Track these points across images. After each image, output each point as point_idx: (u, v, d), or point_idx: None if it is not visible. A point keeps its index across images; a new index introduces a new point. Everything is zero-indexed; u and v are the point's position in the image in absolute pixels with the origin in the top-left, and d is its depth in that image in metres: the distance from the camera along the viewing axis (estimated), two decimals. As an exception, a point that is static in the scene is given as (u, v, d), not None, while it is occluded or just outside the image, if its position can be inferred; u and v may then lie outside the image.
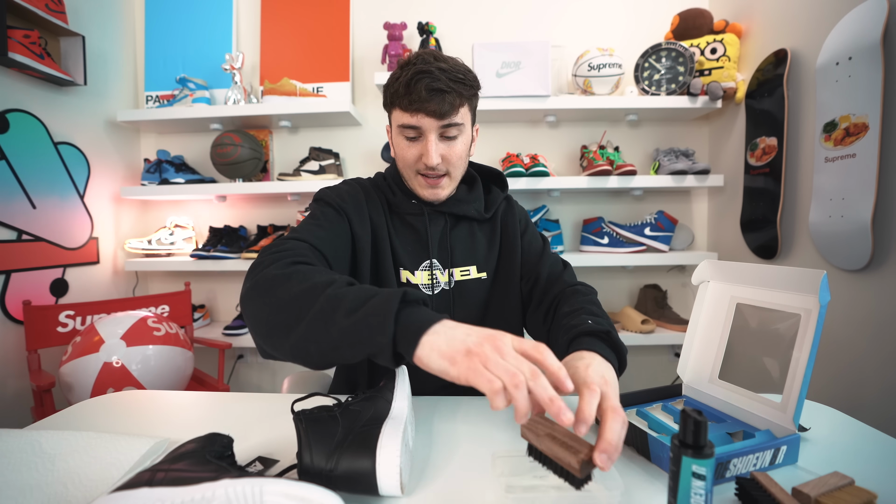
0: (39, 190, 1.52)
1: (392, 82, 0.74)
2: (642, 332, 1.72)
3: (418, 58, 0.73)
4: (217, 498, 0.35)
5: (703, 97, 1.66)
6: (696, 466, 0.37)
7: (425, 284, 0.83)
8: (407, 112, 0.72)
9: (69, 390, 1.25)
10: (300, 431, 0.47)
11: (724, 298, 0.66)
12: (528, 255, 0.87)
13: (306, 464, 0.45)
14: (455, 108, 0.73)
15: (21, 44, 1.39)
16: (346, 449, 0.45)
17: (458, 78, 0.72)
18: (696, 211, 1.92)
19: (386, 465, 0.44)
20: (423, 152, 0.75)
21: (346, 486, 0.45)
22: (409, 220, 0.84)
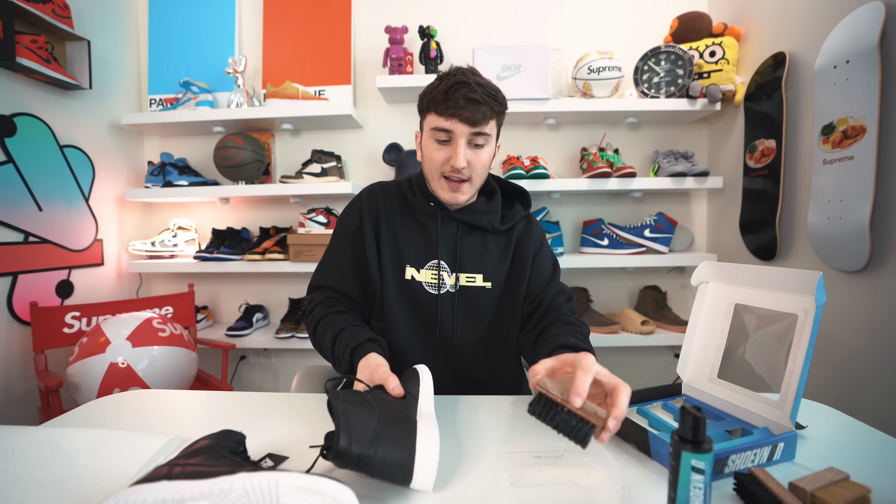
0: (46, 192, 1.54)
1: (430, 90, 0.81)
2: (642, 333, 1.73)
3: (458, 71, 0.80)
4: (234, 490, 0.37)
5: (702, 100, 1.68)
6: (696, 461, 0.39)
7: (429, 283, 0.87)
8: (442, 116, 0.79)
9: (76, 390, 1.27)
10: (339, 414, 0.49)
11: (723, 299, 0.67)
12: (535, 278, 0.90)
13: (343, 447, 0.47)
14: (486, 118, 0.79)
15: (28, 48, 1.41)
16: (385, 438, 0.48)
17: (492, 94, 0.79)
18: (695, 213, 1.93)
19: (425, 461, 0.47)
20: (452, 155, 0.80)
21: (380, 472, 0.48)
22: (422, 220, 0.89)
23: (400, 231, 0.89)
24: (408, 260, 0.87)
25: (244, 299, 2.04)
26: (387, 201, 0.92)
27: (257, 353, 2.07)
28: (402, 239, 0.88)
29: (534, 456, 0.46)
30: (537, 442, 0.57)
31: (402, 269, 0.87)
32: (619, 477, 0.43)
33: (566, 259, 1.76)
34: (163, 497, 0.37)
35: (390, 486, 0.51)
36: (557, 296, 0.88)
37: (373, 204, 0.92)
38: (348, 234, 0.91)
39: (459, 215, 0.88)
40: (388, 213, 0.90)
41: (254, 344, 1.82)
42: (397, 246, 0.88)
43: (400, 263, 0.87)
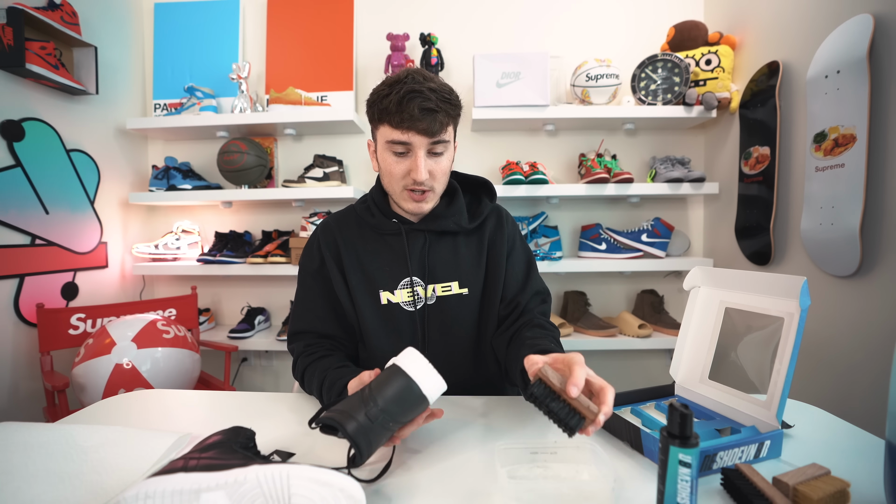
0: (52, 196, 1.56)
1: (379, 99, 0.75)
2: (639, 337, 1.75)
3: (409, 76, 0.75)
4: (248, 482, 0.39)
5: (698, 107, 1.71)
6: (683, 455, 0.41)
7: (406, 302, 0.85)
8: (398, 129, 0.74)
9: (82, 391, 1.29)
10: (332, 421, 0.50)
11: (714, 303, 0.70)
12: (509, 280, 0.87)
13: (353, 428, 0.49)
14: (444, 126, 0.76)
15: (37, 55, 1.44)
16: (374, 389, 0.51)
17: (446, 98, 0.75)
18: (692, 218, 1.96)
19: (417, 371, 0.51)
20: (412, 168, 0.77)
21: (397, 411, 0.50)
22: (388, 240, 0.87)
23: (365, 258, 0.86)
24: (380, 284, 0.85)
25: (246, 302, 2.06)
26: (344, 232, 0.89)
27: (259, 355, 2.09)
28: (369, 265, 0.85)
29: (530, 452, 0.48)
30: (533, 439, 0.59)
31: (376, 295, 0.85)
32: (611, 472, 0.45)
33: (564, 263, 1.79)
34: (181, 488, 0.39)
35: (396, 482, 0.53)
36: (533, 298, 0.87)
37: (329, 239, 0.89)
38: (312, 274, 0.89)
39: (424, 225, 0.85)
40: (349, 243, 0.87)
41: (255, 346, 1.84)
42: (366, 273, 0.85)
43: (373, 290, 0.85)
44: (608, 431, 0.64)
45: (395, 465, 0.57)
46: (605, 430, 0.65)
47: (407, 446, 0.62)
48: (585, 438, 0.51)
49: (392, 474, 0.55)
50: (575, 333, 1.83)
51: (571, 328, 1.83)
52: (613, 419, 0.63)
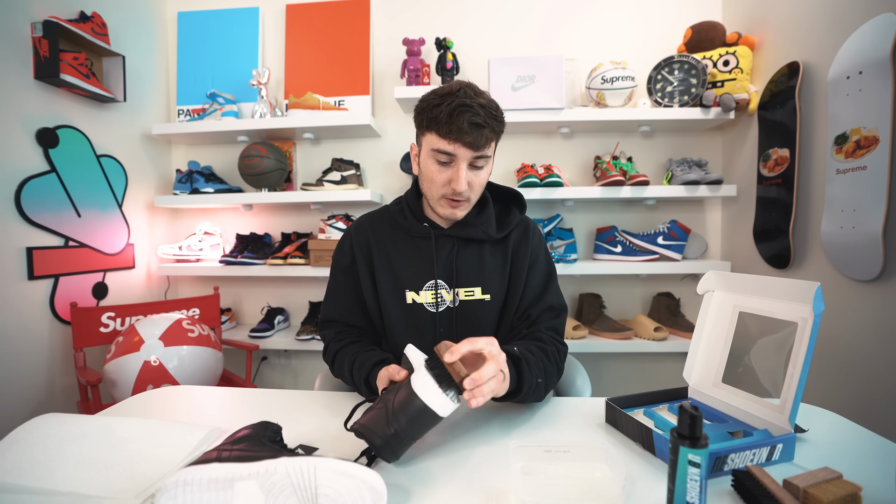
0: (84, 199, 1.63)
1: (431, 108, 0.79)
2: (655, 340, 1.74)
3: (460, 90, 0.79)
4: (278, 472, 0.42)
5: (715, 109, 1.70)
6: (692, 455, 0.42)
7: (429, 303, 0.88)
8: (445, 139, 0.78)
9: (113, 386, 1.35)
10: (358, 429, 0.56)
11: (728, 307, 0.70)
12: (527, 291, 0.90)
13: (381, 444, 0.55)
14: (489, 141, 0.80)
15: (70, 65, 1.51)
16: (397, 410, 0.56)
17: (493, 114, 0.79)
18: (709, 220, 1.94)
19: (430, 394, 0.56)
20: (453, 178, 0.80)
21: (416, 430, 0.56)
22: (418, 243, 0.90)
23: (394, 258, 0.90)
24: (406, 284, 0.88)
25: (266, 302, 2.12)
26: (376, 232, 0.93)
27: (278, 353, 2.14)
28: (397, 265, 0.89)
29: (544, 450, 0.50)
30: (547, 438, 0.61)
31: (402, 294, 0.89)
32: (623, 471, 0.47)
33: (579, 266, 1.79)
34: (216, 476, 0.42)
35: (416, 476, 0.56)
36: (545, 312, 0.88)
37: (362, 238, 0.93)
38: (343, 269, 0.94)
39: (453, 231, 0.89)
40: (380, 243, 0.92)
41: (275, 345, 1.89)
42: (394, 273, 0.90)
43: (399, 289, 0.89)
44: (621, 432, 0.66)
45: (413, 458, 0.60)
46: (619, 431, 0.66)
47: (426, 441, 0.65)
48: (599, 439, 0.52)
49: (410, 467, 0.58)
50: (590, 336, 1.84)
51: (586, 330, 1.83)
52: (626, 420, 0.64)
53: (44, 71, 1.46)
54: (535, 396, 0.75)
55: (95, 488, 0.51)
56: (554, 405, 0.79)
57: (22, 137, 1.44)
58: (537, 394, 0.75)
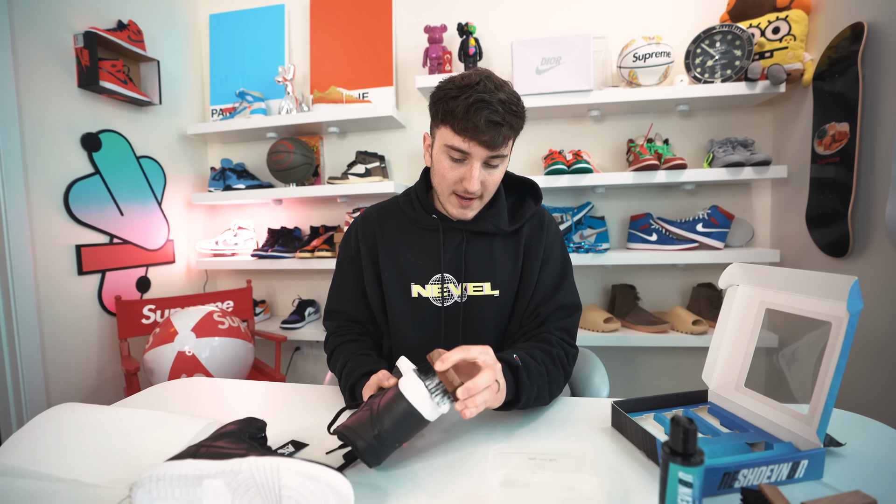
0: (126, 199, 1.74)
1: (447, 100, 0.73)
2: (694, 334, 1.63)
3: (480, 83, 0.72)
4: (243, 471, 0.41)
5: (762, 82, 1.54)
6: (683, 474, 0.38)
7: (435, 297, 0.85)
8: (459, 136, 0.73)
9: (151, 374, 1.43)
10: (345, 437, 0.54)
11: (753, 303, 0.63)
12: (538, 289, 0.85)
13: (364, 447, 0.53)
14: (506, 140, 0.74)
15: (109, 73, 1.60)
16: (382, 411, 0.55)
17: (513, 110, 0.73)
18: (757, 205, 1.78)
19: (417, 396, 0.55)
20: (466, 177, 0.76)
21: (401, 432, 0.55)
22: (425, 235, 0.87)
23: (400, 250, 0.87)
24: (411, 277, 0.85)
25: (297, 294, 2.18)
26: (383, 223, 0.91)
27: (310, 344, 2.20)
28: (403, 257, 0.87)
29: (528, 458, 0.47)
30: (532, 444, 0.58)
31: (407, 286, 0.86)
32: (606, 485, 0.43)
33: (612, 255, 1.70)
34: (186, 473, 0.42)
35: (395, 478, 0.54)
36: (556, 311, 0.83)
37: (368, 229, 0.91)
38: (348, 260, 0.92)
39: (462, 224, 0.85)
40: (386, 234, 0.89)
41: (306, 336, 1.94)
42: (399, 265, 0.87)
43: (404, 282, 0.86)
44: (626, 438, 0.61)
45: (395, 460, 0.59)
46: (624, 438, 0.61)
47: (411, 444, 0.63)
48: (591, 446, 0.48)
49: (391, 469, 0.56)
50: (622, 329, 1.75)
51: (619, 323, 1.75)
52: (631, 426, 0.59)
53: (86, 79, 1.56)
54: (537, 403, 0.71)
55: (94, 477, 0.54)
56: (561, 406, 0.75)
57: (68, 143, 1.55)
58: (539, 401, 0.71)
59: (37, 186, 1.46)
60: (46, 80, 1.49)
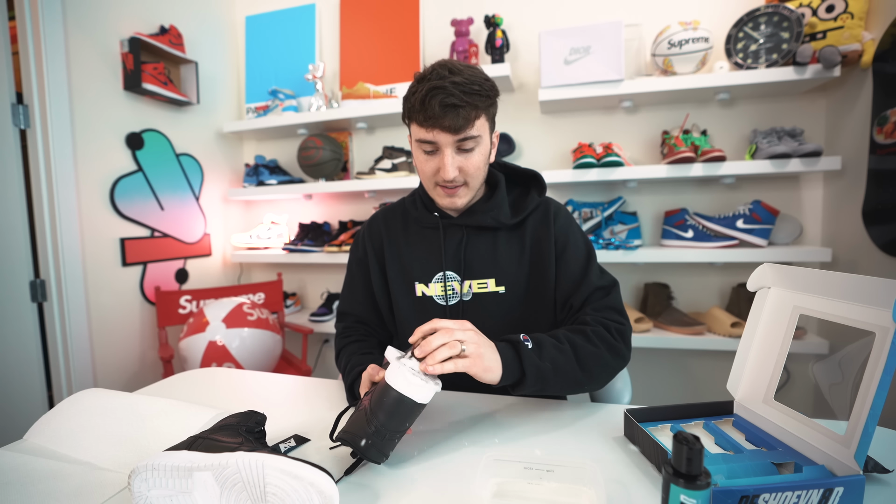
0: (166, 194, 1.83)
1: (409, 96, 0.75)
2: (732, 337, 1.53)
3: (433, 72, 0.73)
4: (230, 466, 0.42)
5: (813, 66, 1.41)
6: (686, 497, 0.35)
7: (439, 296, 0.84)
8: (423, 127, 0.74)
9: (185, 362, 1.50)
10: (346, 441, 0.55)
11: (786, 308, 0.58)
12: (562, 282, 0.81)
13: (366, 445, 0.54)
14: (470, 121, 0.73)
15: (151, 75, 1.68)
16: (374, 406, 0.55)
17: (473, 90, 0.71)
18: (806, 200, 1.65)
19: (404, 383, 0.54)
20: (440, 166, 0.76)
21: (397, 422, 0.55)
22: (427, 234, 0.87)
23: (405, 250, 0.88)
24: (415, 276, 0.86)
25: (326, 288, 2.23)
26: (389, 225, 0.92)
27: (337, 337, 2.24)
28: (407, 257, 0.87)
29: (524, 467, 0.44)
30: (531, 451, 0.55)
31: (411, 286, 0.86)
32: (607, 499, 0.40)
33: (644, 252, 1.62)
34: (178, 464, 0.43)
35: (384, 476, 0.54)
36: (594, 294, 0.79)
37: (374, 231, 0.92)
38: (357, 262, 0.94)
39: (462, 220, 0.84)
40: (392, 236, 0.90)
41: (333, 329, 1.97)
42: (403, 265, 0.87)
43: (409, 281, 0.86)
44: (639, 450, 0.57)
45: (393, 461, 0.58)
46: (636, 449, 0.58)
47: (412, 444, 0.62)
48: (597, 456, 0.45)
49: (387, 470, 0.55)
50: (655, 329, 1.67)
51: (651, 323, 1.67)
52: (642, 437, 0.56)
53: (130, 82, 1.65)
54: (568, 384, 0.67)
55: (106, 461, 0.56)
56: (572, 410, 0.71)
57: (114, 142, 1.64)
58: (569, 381, 0.67)
59: (86, 183, 1.55)
60: (95, 84, 1.58)
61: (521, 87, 1.90)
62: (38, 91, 1.44)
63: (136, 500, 0.44)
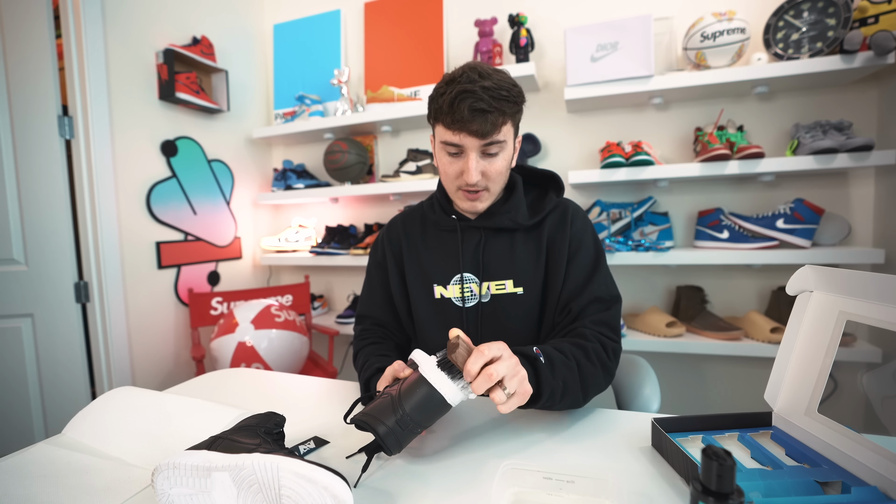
0: (198, 199, 1.89)
1: (436, 97, 0.76)
2: (772, 343, 1.45)
3: (463, 75, 0.73)
4: (245, 467, 0.42)
5: (863, 53, 1.32)
6: (716, 515, 0.32)
7: (457, 298, 0.84)
8: (449, 130, 0.74)
9: (216, 362, 1.55)
10: (360, 419, 0.54)
11: (831, 314, 0.53)
12: (568, 283, 0.80)
13: (385, 431, 0.53)
14: (497, 127, 0.73)
15: (184, 84, 1.75)
16: (403, 395, 0.54)
17: (502, 96, 0.72)
18: (855, 197, 1.54)
19: (438, 380, 0.54)
20: (464, 169, 0.76)
21: (423, 416, 0.54)
22: (445, 236, 0.87)
23: (423, 253, 0.88)
24: (434, 279, 0.86)
25: (352, 290, 2.25)
26: (408, 228, 0.92)
27: (363, 338, 2.26)
28: (425, 260, 0.88)
29: (543, 476, 0.42)
30: (551, 460, 0.53)
31: (430, 288, 0.86)
32: None
33: (676, 254, 1.56)
34: (197, 463, 0.44)
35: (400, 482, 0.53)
36: (591, 305, 0.78)
37: (394, 235, 0.93)
38: (376, 265, 0.95)
39: (480, 222, 0.84)
40: (411, 239, 0.91)
41: (356, 331, 1.99)
42: (422, 267, 0.88)
43: (427, 284, 0.87)
44: (667, 462, 0.54)
45: (407, 465, 0.57)
46: (664, 461, 0.55)
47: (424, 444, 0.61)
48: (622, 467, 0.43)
49: (400, 475, 0.55)
50: (688, 334, 1.60)
51: (683, 328, 1.60)
52: (671, 448, 0.53)
53: (164, 91, 1.72)
54: (567, 402, 0.67)
55: (135, 458, 0.58)
56: (596, 417, 0.69)
57: (150, 150, 1.72)
58: (569, 400, 0.66)
59: (124, 189, 1.63)
60: (133, 95, 1.66)
61: (547, 87, 1.87)
62: (81, 103, 1.52)
63: (160, 497, 0.45)
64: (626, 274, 1.81)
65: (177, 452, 0.47)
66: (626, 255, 1.61)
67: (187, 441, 0.60)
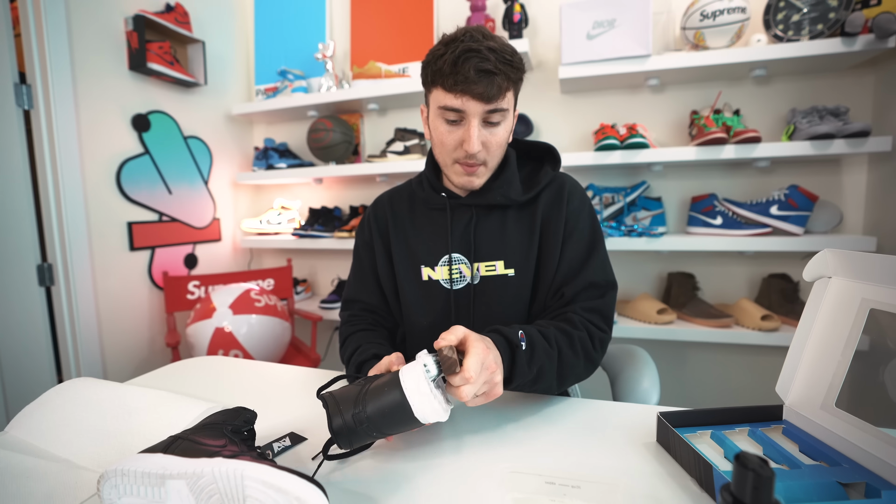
0: (174, 177, 1.79)
1: (434, 59, 0.69)
2: (762, 330, 1.44)
3: (466, 34, 0.67)
4: (205, 475, 0.36)
5: (864, 36, 1.29)
6: (751, 531, 0.28)
7: (445, 280, 0.79)
8: (451, 93, 0.67)
9: (192, 348, 1.48)
10: (327, 406, 0.49)
11: (852, 302, 0.50)
12: (563, 266, 0.76)
13: (337, 424, 0.47)
14: (503, 91, 0.68)
15: (156, 54, 1.63)
16: (369, 393, 0.48)
17: (507, 59, 0.67)
18: (848, 184, 1.53)
19: (414, 388, 0.47)
20: (465, 138, 0.70)
21: (383, 421, 0.47)
22: (434, 215, 0.82)
23: (411, 233, 0.83)
24: (422, 259, 0.81)
25: (336, 274, 2.18)
26: (395, 206, 0.87)
27: (348, 325, 2.20)
28: (413, 240, 0.82)
29: (545, 481, 0.38)
30: (553, 461, 0.48)
31: (417, 270, 0.81)
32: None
33: (669, 240, 1.53)
34: (150, 470, 0.38)
35: (386, 486, 0.48)
36: (584, 291, 0.73)
37: (380, 212, 0.88)
38: (364, 245, 0.89)
39: (470, 199, 0.79)
40: (398, 217, 0.85)
41: (341, 317, 1.93)
42: (410, 248, 0.83)
43: (415, 265, 0.82)
44: (675, 460, 0.50)
45: (390, 461, 0.52)
46: (671, 458, 0.51)
47: (415, 441, 0.56)
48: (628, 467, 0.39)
49: (388, 481, 0.50)
50: (678, 321, 1.59)
51: (674, 315, 1.58)
52: (680, 446, 0.49)
53: (135, 61, 1.60)
54: (537, 389, 0.65)
55: (86, 459, 0.52)
56: (596, 411, 0.65)
57: (119, 124, 1.60)
58: (542, 387, 0.65)
59: (91, 165, 1.52)
60: (99, 63, 1.54)
61: (540, 66, 1.80)
62: (40, 71, 1.40)
63: (108, 507, 0.39)
64: (618, 260, 1.77)
65: (129, 456, 0.41)
66: (619, 241, 1.57)
67: (147, 439, 0.54)
